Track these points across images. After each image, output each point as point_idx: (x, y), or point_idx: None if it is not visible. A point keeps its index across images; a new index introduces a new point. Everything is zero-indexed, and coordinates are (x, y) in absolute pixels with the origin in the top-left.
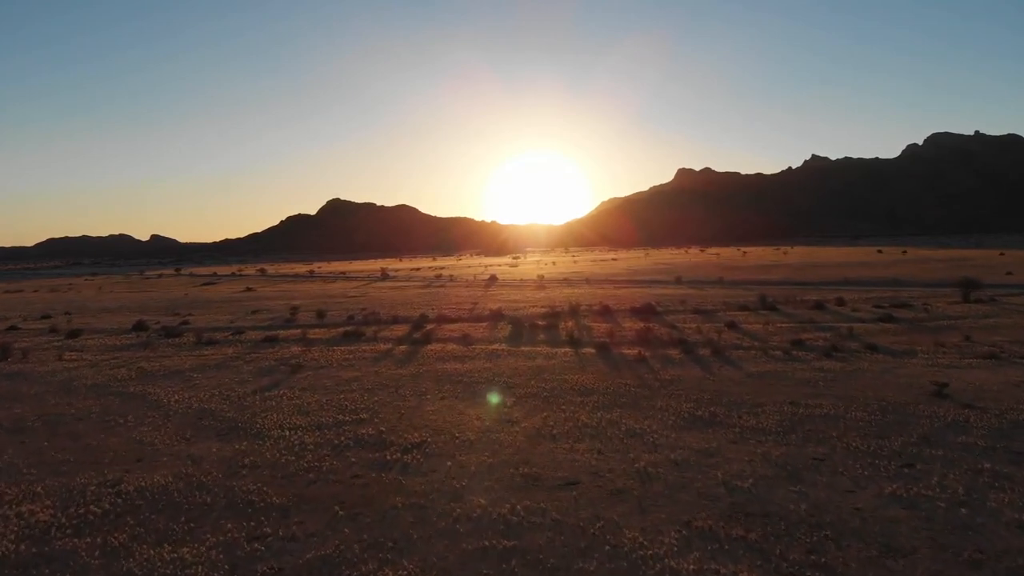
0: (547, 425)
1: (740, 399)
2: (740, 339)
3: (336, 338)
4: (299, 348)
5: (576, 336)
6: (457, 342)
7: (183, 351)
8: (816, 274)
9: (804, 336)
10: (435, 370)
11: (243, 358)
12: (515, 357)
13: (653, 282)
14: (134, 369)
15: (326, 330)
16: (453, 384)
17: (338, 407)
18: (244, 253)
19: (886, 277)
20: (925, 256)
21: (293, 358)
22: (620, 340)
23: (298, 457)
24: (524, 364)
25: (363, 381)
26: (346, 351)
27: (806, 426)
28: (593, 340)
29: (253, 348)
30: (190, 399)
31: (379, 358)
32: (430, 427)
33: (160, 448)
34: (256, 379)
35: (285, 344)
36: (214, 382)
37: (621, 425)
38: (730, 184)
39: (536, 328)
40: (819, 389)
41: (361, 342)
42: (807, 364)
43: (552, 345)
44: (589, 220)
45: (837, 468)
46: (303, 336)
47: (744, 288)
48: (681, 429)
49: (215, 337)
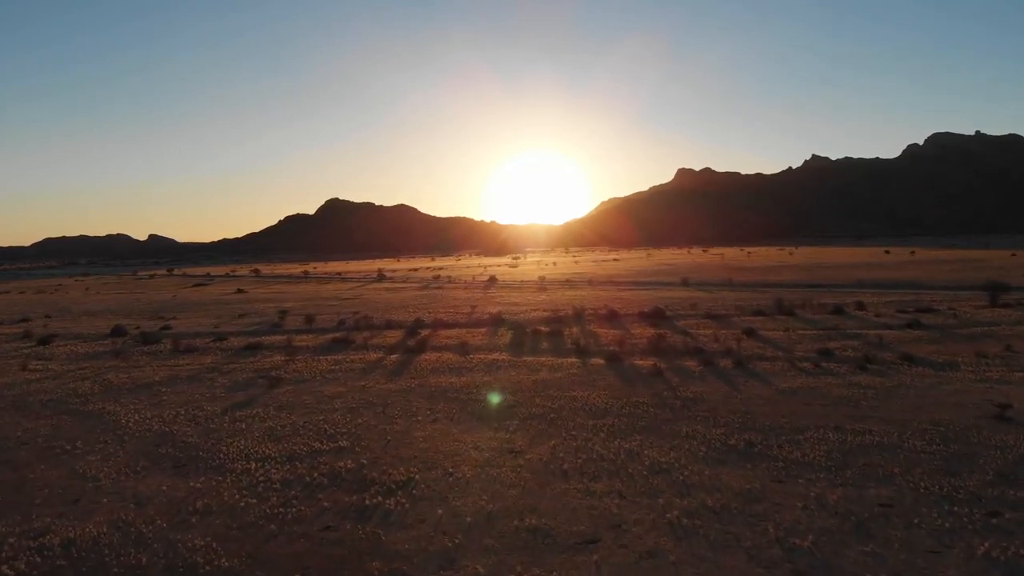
0: (556, 457)
1: (776, 422)
2: (762, 348)
3: (323, 346)
4: (282, 357)
5: (582, 344)
6: (454, 351)
7: (157, 360)
8: (826, 275)
9: (831, 345)
10: (428, 385)
11: (220, 369)
12: (517, 369)
13: (658, 284)
14: (99, 382)
15: (313, 336)
16: (448, 402)
17: (315, 431)
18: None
19: (902, 279)
20: (935, 257)
21: (274, 369)
22: (631, 349)
23: (260, 500)
24: (527, 378)
25: (347, 398)
26: (332, 361)
27: (860, 459)
28: (601, 349)
29: (233, 357)
30: (151, 420)
31: (368, 370)
32: (419, 459)
33: (104, 484)
34: (229, 395)
35: (268, 352)
36: (183, 398)
37: (643, 457)
38: (730, 184)
39: (539, 335)
40: (862, 410)
41: (350, 350)
42: (841, 378)
43: (557, 355)
44: (589, 220)
45: (910, 518)
46: (288, 344)
47: (754, 290)
48: (715, 463)
49: (194, 344)
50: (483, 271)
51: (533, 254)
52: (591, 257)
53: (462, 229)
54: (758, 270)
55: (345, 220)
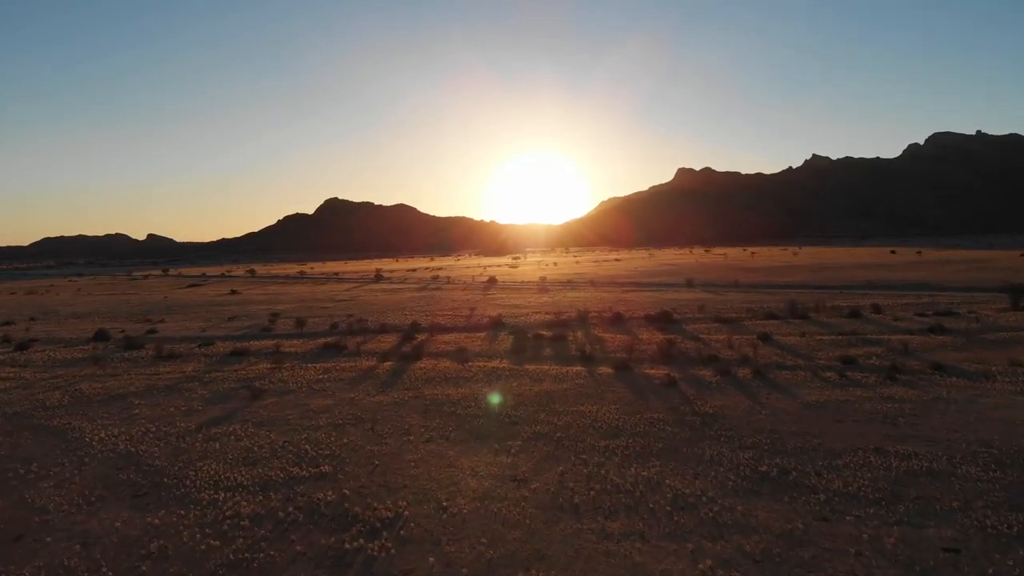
0: (565, 487)
1: (808, 443)
2: (780, 355)
3: (313, 352)
4: (268, 365)
5: (588, 351)
6: (451, 357)
7: (136, 367)
8: (835, 276)
9: (853, 352)
10: (423, 397)
11: (200, 378)
12: (519, 378)
13: (663, 285)
14: (70, 392)
15: (304, 342)
16: (444, 417)
17: (296, 454)
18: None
19: (913, 280)
20: (942, 257)
21: (258, 379)
22: (640, 356)
23: (225, 542)
24: (530, 389)
25: (334, 413)
26: (321, 369)
27: (911, 490)
28: (608, 356)
29: (216, 364)
30: (118, 437)
31: (358, 379)
32: (410, 488)
33: (52, 519)
34: (207, 408)
35: (254, 359)
36: (156, 412)
37: (664, 488)
38: (730, 184)
39: (541, 340)
40: (901, 428)
41: (341, 357)
42: (871, 391)
43: (561, 362)
44: (589, 220)
45: (983, 568)
46: (276, 349)
47: (762, 292)
48: (747, 495)
49: (178, 350)
50: (482, 272)
51: (533, 254)
52: (592, 257)
53: (462, 229)
54: (763, 271)
55: (344, 220)
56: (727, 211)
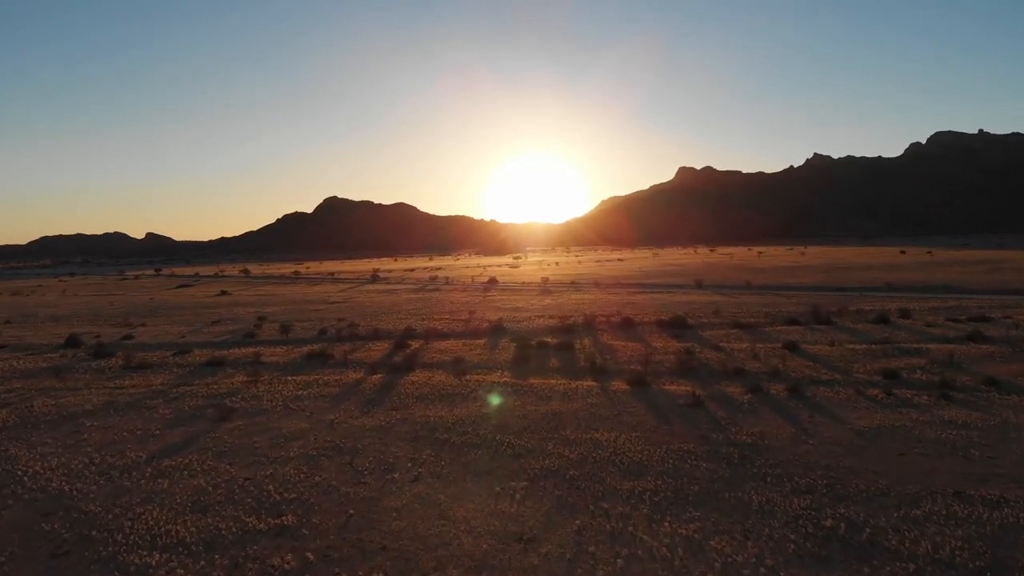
0: (584, 551)
1: (873, 485)
2: (813, 368)
3: (296, 362)
4: (244, 378)
5: (599, 362)
6: (447, 369)
7: (100, 380)
8: (849, 277)
9: (893, 364)
10: (413, 419)
11: (167, 393)
12: (522, 396)
13: (671, 286)
14: (19, 411)
15: (287, 350)
16: (436, 447)
17: (256, 497)
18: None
19: (933, 282)
20: (954, 258)
21: (230, 395)
22: (658, 368)
23: None
24: (535, 409)
25: (309, 440)
26: (301, 383)
27: (1018, 554)
28: (622, 368)
29: (188, 376)
30: (55, 471)
31: (341, 396)
32: (390, 551)
33: None
34: (165, 432)
35: (231, 370)
36: (107, 436)
37: (709, 553)
38: (731, 183)
39: (546, 348)
40: (977, 463)
41: (326, 368)
42: (927, 413)
43: (570, 375)
44: (589, 219)
45: None
46: (255, 359)
47: (777, 294)
48: (816, 563)
49: (150, 359)
50: (482, 271)
51: (534, 253)
52: (594, 257)
53: (461, 228)
54: (773, 271)
55: (344, 219)
56: (728, 210)
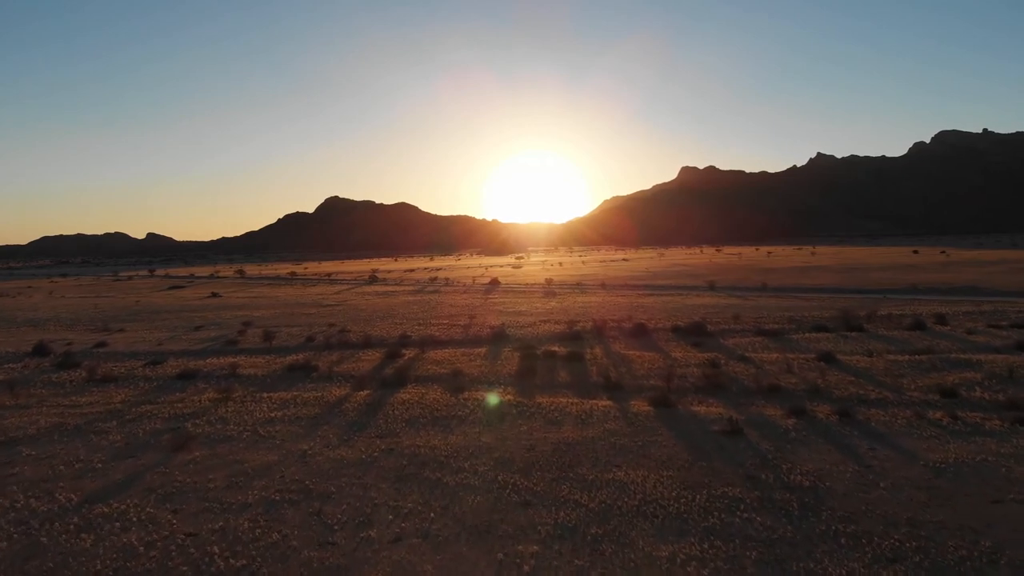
0: None
1: (977, 548)
2: (857, 384)
3: (276, 375)
4: (214, 394)
5: (614, 377)
6: (443, 384)
7: (57, 395)
8: (868, 278)
9: (948, 380)
10: (400, 450)
11: (123, 414)
12: (528, 419)
13: (682, 288)
14: None
15: (269, 360)
16: (424, 490)
17: (195, 564)
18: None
19: (958, 283)
20: (970, 258)
21: (195, 416)
22: (682, 384)
23: None
24: (544, 437)
25: (274, 478)
26: (278, 402)
27: None
28: (640, 384)
29: (153, 392)
30: None
31: (320, 419)
32: None
33: None
34: (109, 466)
35: (202, 384)
36: (41, 471)
37: None
38: (734, 183)
39: (553, 358)
40: None
41: (307, 383)
42: (1007, 442)
43: (582, 392)
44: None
45: None
46: (232, 371)
47: (796, 297)
48: None
49: (117, 370)
50: (484, 272)
51: (536, 253)
52: (598, 257)
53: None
54: (787, 272)
55: (345, 218)
56: (731, 210)
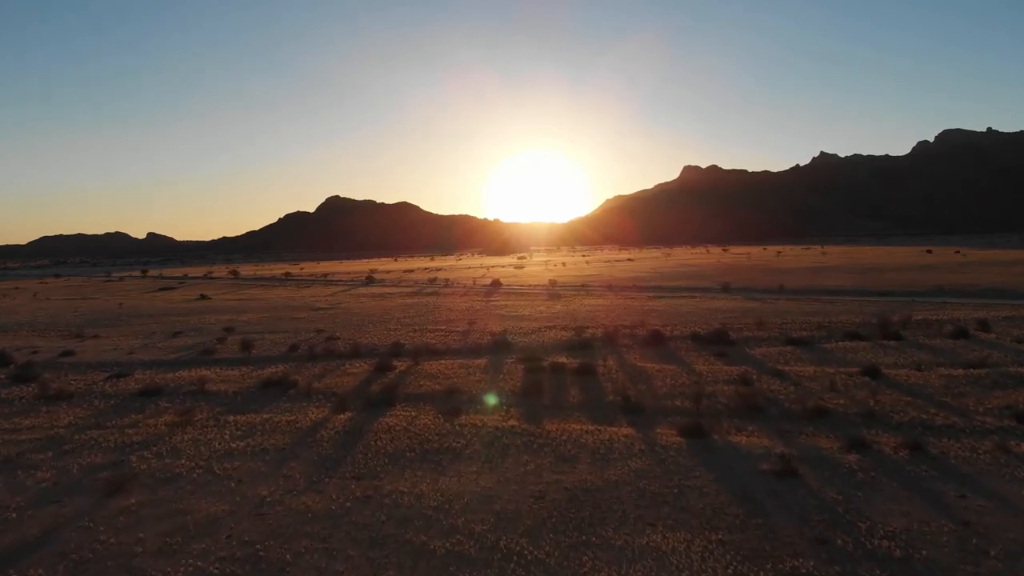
0: None
1: None
2: (915, 406)
3: (247, 392)
4: (173, 416)
5: (633, 397)
6: (436, 405)
7: None
8: (887, 280)
9: (1018, 399)
10: (379, 498)
11: (65, 442)
12: (535, 453)
13: (692, 289)
14: None
15: (245, 372)
16: (404, 559)
17: None
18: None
19: (983, 285)
20: (987, 258)
21: (144, 446)
22: (713, 406)
23: None
24: (556, 479)
25: (219, 538)
26: (243, 428)
27: None
28: (664, 404)
29: (106, 414)
30: None
31: (288, 452)
32: None
33: None
34: (25, 515)
35: (165, 403)
36: None
37: None
38: (737, 182)
39: (561, 372)
40: None
41: (282, 402)
42: None
43: (597, 416)
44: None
45: None
46: (200, 387)
47: (818, 300)
48: None
49: (74, 385)
50: (485, 273)
51: (538, 253)
52: (602, 257)
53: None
54: (801, 273)
55: (346, 218)
56: (733, 209)
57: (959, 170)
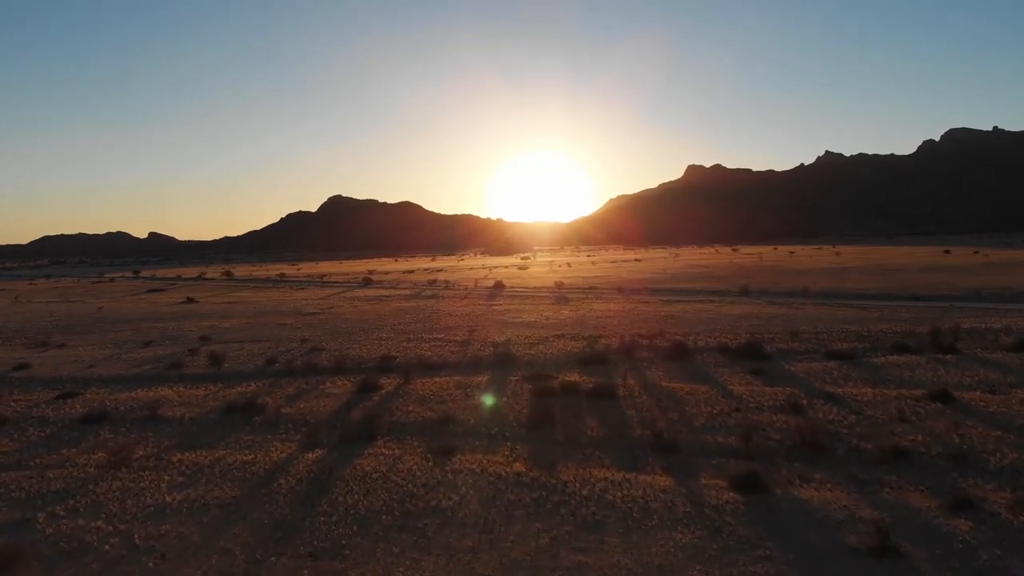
0: None
1: None
2: (1011, 443)
3: (207, 417)
4: (108, 454)
5: (664, 429)
6: (425, 439)
7: None
8: (914, 282)
9: None
10: None
11: None
12: (549, 517)
13: (710, 293)
14: None
15: (210, 392)
16: None
17: None
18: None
19: (1020, 288)
20: (1009, 258)
21: (62, 495)
22: (765, 443)
23: None
24: (577, 564)
25: None
26: (189, 471)
27: None
28: (704, 441)
29: (32, 448)
30: None
31: (234, 510)
32: None
33: None
34: None
35: (107, 433)
36: None
37: None
38: (741, 181)
39: (576, 394)
40: None
41: (244, 433)
42: None
43: (623, 459)
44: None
45: None
46: (152, 413)
47: (848, 305)
48: None
49: (14, 408)
50: (488, 274)
51: (542, 253)
52: (607, 257)
53: (467, 227)
54: (819, 274)
55: (348, 218)
56: (738, 208)
57: (965, 169)
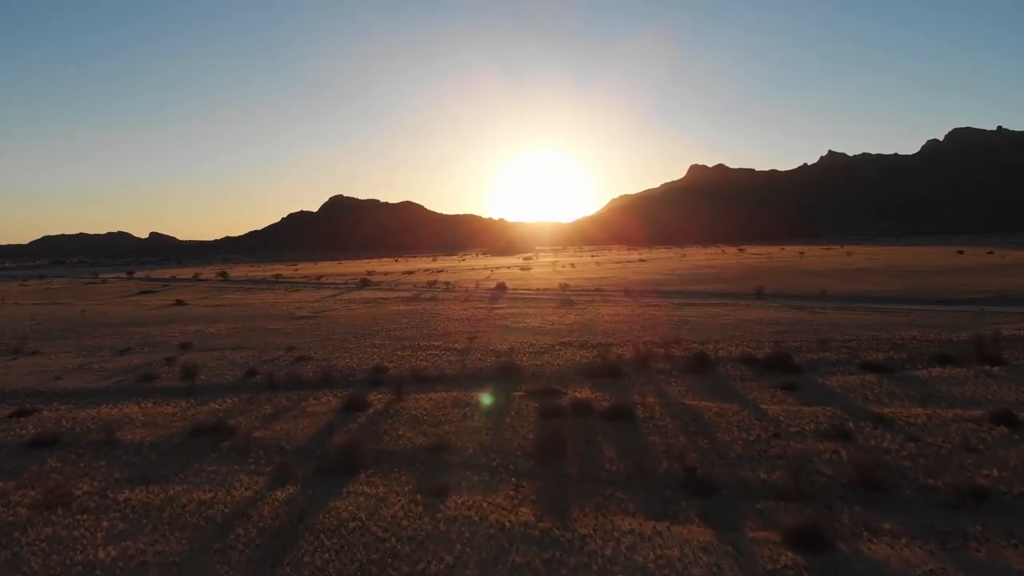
0: None
1: None
2: None
3: (170, 441)
4: (44, 492)
5: (695, 463)
6: (415, 473)
7: None
8: (935, 284)
9: None
10: None
11: None
12: None
13: (723, 295)
14: None
15: (181, 409)
16: None
17: None
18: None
19: None
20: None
21: None
22: (816, 480)
23: None
24: None
25: None
26: (135, 513)
27: None
28: (744, 477)
29: None
30: None
31: (181, 570)
32: None
33: None
34: None
35: (56, 458)
36: None
37: None
38: (744, 181)
39: (589, 416)
40: None
41: (207, 462)
42: None
43: (651, 504)
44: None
45: None
46: (108, 436)
47: (872, 309)
48: None
49: None
50: (489, 274)
51: (544, 253)
52: (611, 257)
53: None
54: (834, 276)
55: (349, 218)
56: (741, 208)
57: (968, 169)
